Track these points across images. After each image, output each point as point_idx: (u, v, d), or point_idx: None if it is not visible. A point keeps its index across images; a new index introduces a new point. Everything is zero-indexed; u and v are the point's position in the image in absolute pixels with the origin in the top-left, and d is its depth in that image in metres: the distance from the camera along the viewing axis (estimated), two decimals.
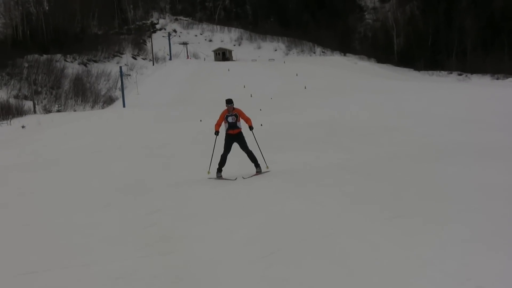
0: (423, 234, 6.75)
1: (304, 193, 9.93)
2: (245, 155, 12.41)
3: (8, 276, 6.44)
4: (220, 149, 12.30)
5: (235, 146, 12.28)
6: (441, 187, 9.46)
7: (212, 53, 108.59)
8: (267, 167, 12.56)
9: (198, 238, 7.45)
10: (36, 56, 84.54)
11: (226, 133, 12.29)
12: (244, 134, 12.40)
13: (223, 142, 12.29)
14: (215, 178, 12.20)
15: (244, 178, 11.95)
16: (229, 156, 12.29)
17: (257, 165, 12.35)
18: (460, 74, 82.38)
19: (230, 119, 12.17)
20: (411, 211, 7.88)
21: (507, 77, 69.73)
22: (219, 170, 12.27)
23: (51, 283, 6.09)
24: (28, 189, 13.40)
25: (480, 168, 11.21)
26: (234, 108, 12.24)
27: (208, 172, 12.43)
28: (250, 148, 12.37)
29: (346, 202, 8.94)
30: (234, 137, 12.21)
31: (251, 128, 12.51)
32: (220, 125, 12.35)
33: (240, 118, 12.28)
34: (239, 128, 12.28)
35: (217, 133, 12.42)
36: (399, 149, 15.33)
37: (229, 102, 12.29)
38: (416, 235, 6.71)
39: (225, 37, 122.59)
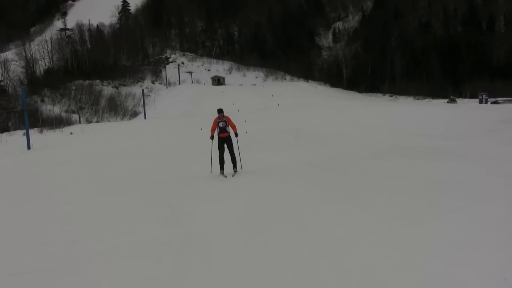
0: (365, 212, 6.80)
1: (278, 182, 9.93)
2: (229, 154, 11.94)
3: (62, 240, 6.38)
4: (216, 151, 12.05)
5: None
6: (377, 178, 9.54)
7: (210, 79, 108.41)
8: (241, 167, 12.15)
9: (200, 215, 7.43)
10: (81, 81, 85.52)
11: (218, 137, 11.83)
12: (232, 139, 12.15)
13: (217, 145, 11.94)
14: (219, 174, 11.72)
15: (232, 175, 11.57)
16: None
17: (235, 166, 11.83)
18: (391, 96, 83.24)
19: (220, 124, 11.73)
20: (356, 195, 7.93)
21: (425, 98, 71.30)
22: (221, 167, 11.80)
23: (93, 247, 6.05)
24: (72, 179, 13.24)
25: (406, 164, 11.32)
26: (223, 116, 11.84)
27: (211, 172, 11.98)
28: (235, 151, 11.94)
29: (309, 188, 8.96)
30: (224, 139, 11.78)
31: (236, 135, 12.17)
32: (214, 130, 11.85)
33: (229, 124, 11.85)
34: (228, 132, 11.81)
35: (212, 137, 11.98)
36: (347, 150, 15.41)
37: (220, 111, 11.91)
38: (359, 213, 6.76)
39: (219, 68, 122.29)
